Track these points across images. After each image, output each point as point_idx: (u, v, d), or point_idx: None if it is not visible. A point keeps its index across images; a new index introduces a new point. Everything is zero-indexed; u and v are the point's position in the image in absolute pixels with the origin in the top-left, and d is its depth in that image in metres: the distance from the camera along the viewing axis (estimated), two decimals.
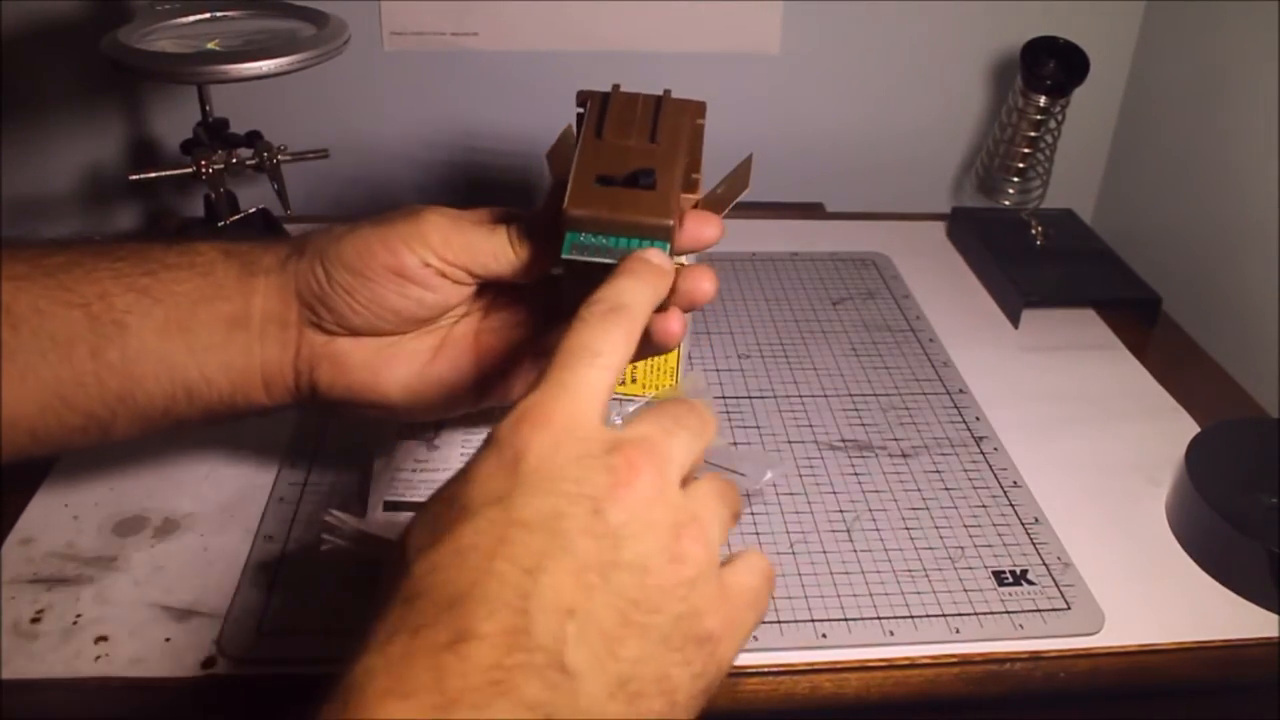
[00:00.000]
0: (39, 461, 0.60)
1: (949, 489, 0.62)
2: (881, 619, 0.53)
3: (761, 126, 0.96)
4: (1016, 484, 0.63)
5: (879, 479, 0.63)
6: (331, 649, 0.50)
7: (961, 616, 0.54)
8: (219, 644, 0.50)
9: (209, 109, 0.75)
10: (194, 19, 0.72)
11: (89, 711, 0.48)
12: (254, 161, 0.75)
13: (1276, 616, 0.55)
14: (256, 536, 0.56)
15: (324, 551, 0.54)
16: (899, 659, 0.52)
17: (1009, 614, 0.54)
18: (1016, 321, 0.79)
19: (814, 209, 0.97)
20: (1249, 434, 0.64)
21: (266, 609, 0.52)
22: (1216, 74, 0.85)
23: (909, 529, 0.59)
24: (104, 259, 0.44)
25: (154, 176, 0.73)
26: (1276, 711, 0.54)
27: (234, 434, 0.63)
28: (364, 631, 0.29)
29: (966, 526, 0.59)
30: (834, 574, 0.56)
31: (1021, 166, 0.87)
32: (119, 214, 0.94)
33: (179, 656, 0.49)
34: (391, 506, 0.56)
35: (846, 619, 0.53)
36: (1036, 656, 0.52)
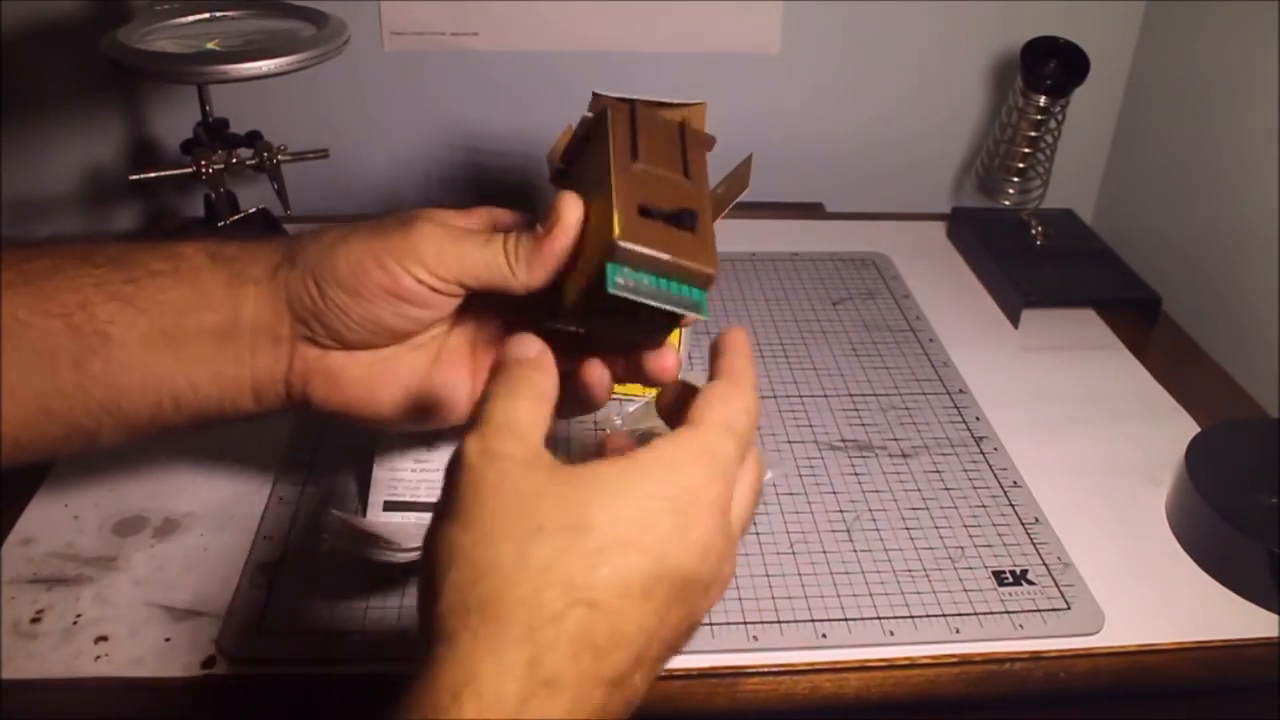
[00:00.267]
0: (37, 463, 0.60)
1: (949, 489, 0.62)
2: (881, 619, 0.53)
3: (761, 126, 0.96)
4: (1016, 484, 0.63)
5: (879, 479, 0.63)
6: (331, 649, 0.50)
7: (961, 616, 0.54)
8: (219, 644, 0.50)
9: (209, 109, 0.75)
10: (194, 19, 0.72)
11: (89, 711, 0.48)
12: (254, 161, 0.75)
13: (1276, 616, 0.55)
14: (256, 536, 0.56)
15: (324, 551, 0.54)
16: (899, 659, 0.52)
17: (1009, 614, 0.54)
18: (1016, 321, 0.79)
19: (814, 209, 0.97)
20: (1249, 434, 0.64)
21: (266, 609, 0.52)
22: (1216, 74, 0.85)
23: (909, 529, 0.59)
24: (86, 264, 0.43)
25: (154, 176, 0.73)
26: (1276, 711, 0.54)
27: (234, 434, 0.63)
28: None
29: (966, 526, 0.59)
30: (834, 574, 0.56)
31: (1021, 166, 0.87)
32: (119, 214, 0.94)
33: (179, 656, 0.49)
34: (391, 506, 0.56)
35: (846, 619, 0.53)
36: (1036, 656, 0.52)
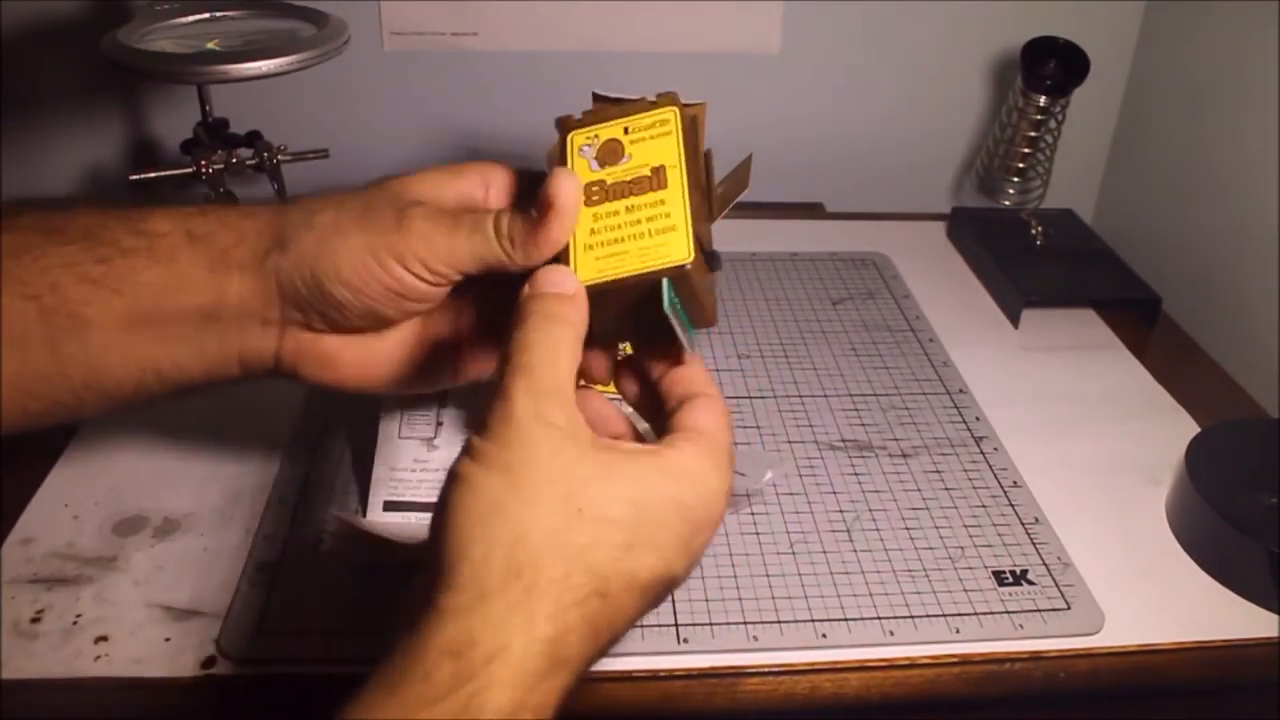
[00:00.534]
0: (39, 461, 0.60)
1: (949, 489, 0.62)
2: (881, 619, 0.53)
3: (761, 126, 0.96)
4: (1016, 484, 0.63)
5: (879, 479, 0.63)
6: (331, 649, 0.50)
7: (961, 616, 0.54)
8: (219, 644, 0.50)
9: (209, 109, 0.75)
10: (194, 19, 0.72)
11: (89, 711, 0.48)
12: (254, 161, 0.75)
13: (1276, 616, 0.55)
14: (256, 536, 0.56)
15: (324, 551, 0.54)
16: (899, 659, 0.52)
17: (1009, 614, 0.54)
18: (1016, 321, 0.79)
19: (814, 209, 0.97)
20: (1249, 434, 0.64)
21: (266, 609, 0.52)
22: (1216, 74, 0.85)
23: (909, 529, 0.59)
24: (51, 241, 0.41)
25: (154, 176, 0.73)
26: (1276, 711, 0.54)
27: (234, 434, 0.63)
28: None
29: (966, 526, 0.59)
30: (834, 574, 0.56)
31: (1021, 166, 0.87)
32: None
33: (179, 656, 0.49)
34: (391, 506, 0.56)
35: (846, 619, 0.53)
36: (1036, 656, 0.52)
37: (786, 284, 0.83)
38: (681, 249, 0.38)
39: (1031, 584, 0.56)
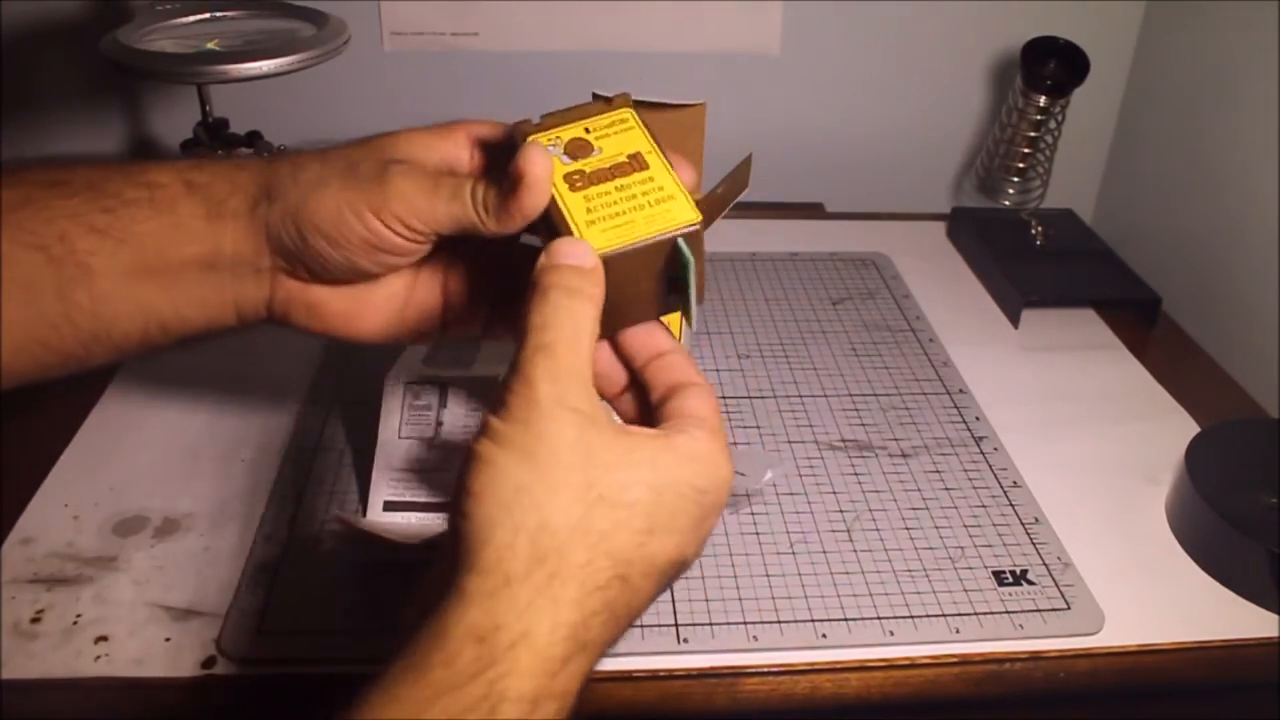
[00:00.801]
0: (39, 461, 0.60)
1: (949, 489, 0.62)
2: (881, 619, 0.53)
3: (761, 126, 0.96)
4: (1016, 484, 0.63)
5: (879, 479, 0.63)
6: (331, 649, 0.50)
7: (961, 616, 0.54)
8: (219, 644, 0.50)
9: (209, 109, 0.75)
10: (194, 19, 0.72)
11: (89, 711, 0.48)
12: None
13: (1276, 616, 0.55)
14: (256, 536, 0.56)
15: (324, 551, 0.54)
16: (899, 659, 0.52)
17: (1009, 614, 0.54)
18: (1016, 321, 0.79)
19: (814, 209, 0.97)
20: (1249, 434, 0.64)
21: (266, 609, 0.52)
22: (1216, 74, 0.85)
23: (909, 529, 0.59)
24: (56, 194, 0.43)
25: None
26: (1276, 711, 0.54)
27: (235, 433, 0.63)
28: None
29: (966, 526, 0.59)
30: (834, 574, 0.56)
31: (1021, 166, 0.87)
32: None
33: (179, 656, 0.49)
34: (391, 506, 0.56)
35: (846, 619, 0.53)
36: (1036, 656, 0.52)
37: (786, 284, 0.83)
38: (688, 212, 0.39)
39: (1031, 584, 0.56)
